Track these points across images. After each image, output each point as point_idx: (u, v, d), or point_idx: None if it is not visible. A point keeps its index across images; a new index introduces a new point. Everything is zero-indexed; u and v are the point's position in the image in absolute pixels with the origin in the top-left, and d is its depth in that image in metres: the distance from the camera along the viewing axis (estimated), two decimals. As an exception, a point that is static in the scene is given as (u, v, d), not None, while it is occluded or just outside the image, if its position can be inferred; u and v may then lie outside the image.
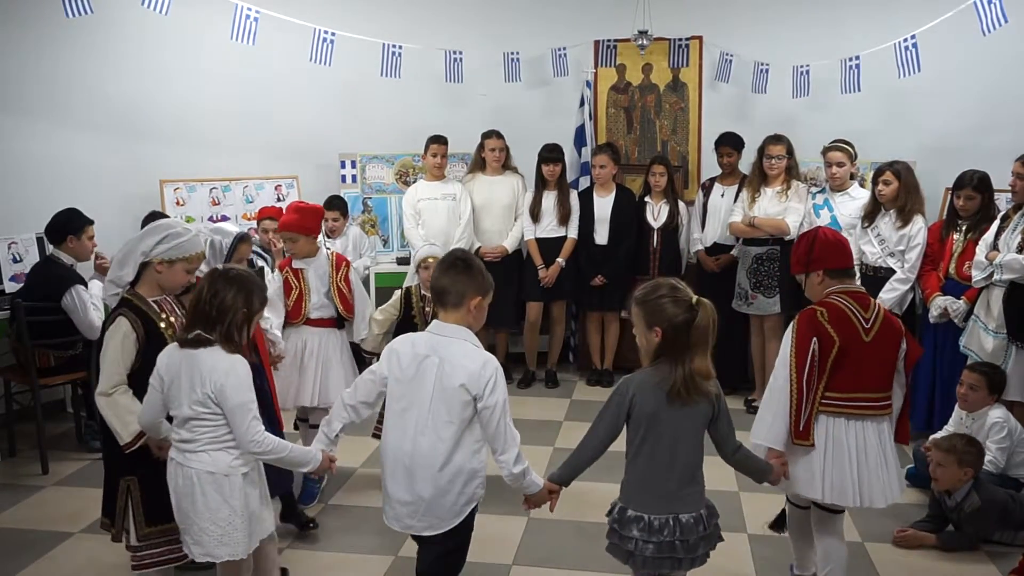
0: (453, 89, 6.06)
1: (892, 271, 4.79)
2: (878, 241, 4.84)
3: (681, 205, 5.84)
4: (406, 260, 6.10)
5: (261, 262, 4.97)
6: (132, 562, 3.00)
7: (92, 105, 5.92)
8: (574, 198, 5.88)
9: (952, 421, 4.16)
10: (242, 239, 3.61)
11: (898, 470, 3.00)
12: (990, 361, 4.18)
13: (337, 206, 5.74)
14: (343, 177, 6.34)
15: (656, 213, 5.80)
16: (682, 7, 6.05)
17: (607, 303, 5.88)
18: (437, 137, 5.83)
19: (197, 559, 2.70)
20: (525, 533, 3.80)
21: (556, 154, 5.79)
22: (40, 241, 5.29)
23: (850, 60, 5.56)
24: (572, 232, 5.84)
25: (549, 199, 5.82)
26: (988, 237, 4.33)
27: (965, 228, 4.62)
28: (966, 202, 4.59)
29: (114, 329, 2.93)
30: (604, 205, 5.85)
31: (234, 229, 3.66)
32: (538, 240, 5.86)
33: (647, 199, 5.85)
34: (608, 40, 6.15)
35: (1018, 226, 4.20)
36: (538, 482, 2.66)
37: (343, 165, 6.34)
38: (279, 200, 6.19)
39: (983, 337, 4.32)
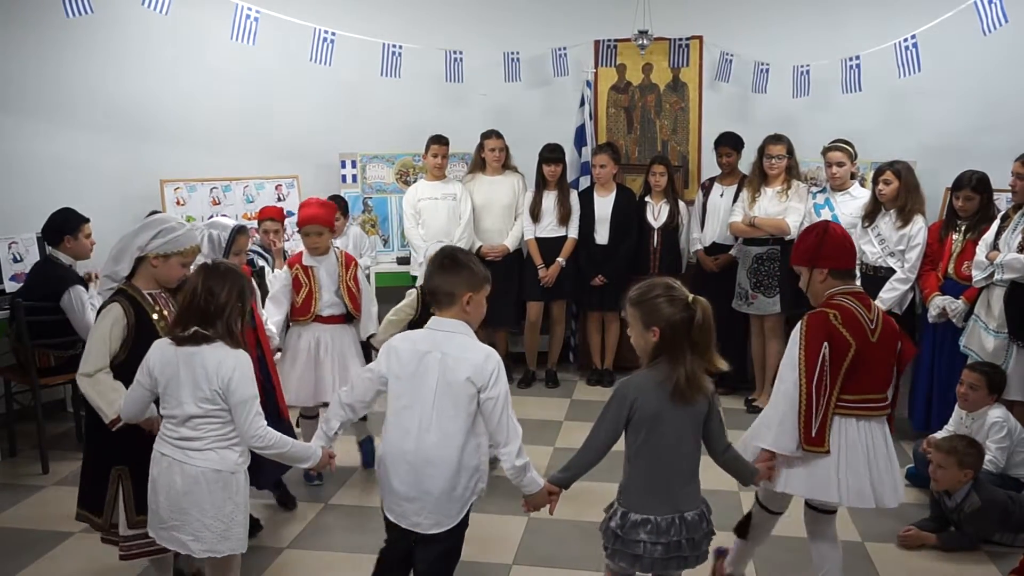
0: (453, 89, 6.06)
1: (892, 271, 4.80)
2: (878, 241, 4.84)
3: (681, 205, 5.84)
4: (406, 260, 6.10)
5: (261, 262, 4.98)
6: (121, 552, 3.02)
7: (93, 105, 5.93)
8: (574, 198, 5.89)
9: (952, 421, 4.16)
10: (239, 231, 3.60)
11: (899, 469, 2.99)
12: (991, 361, 4.19)
13: (337, 206, 5.73)
14: (343, 177, 6.34)
15: (656, 213, 5.80)
16: (682, 7, 6.05)
17: (607, 303, 5.88)
18: (438, 137, 5.83)
19: (197, 555, 2.70)
20: (525, 533, 3.81)
21: (557, 154, 5.79)
22: (40, 241, 5.29)
23: (850, 60, 5.56)
24: (572, 232, 5.84)
25: (549, 199, 5.83)
26: (988, 237, 4.34)
27: (964, 228, 4.62)
28: (965, 202, 4.59)
29: (105, 313, 2.96)
30: (604, 205, 5.86)
31: (230, 222, 3.64)
32: (538, 240, 5.86)
33: (647, 199, 5.85)
34: (608, 40, 6.15)
35: (1018, 226, 4.20)
36: (538, 481, 2.64)
37: (343, 165, 6.34)
38: (279, 200, 6.20)
39: (984, 337, 4.32)
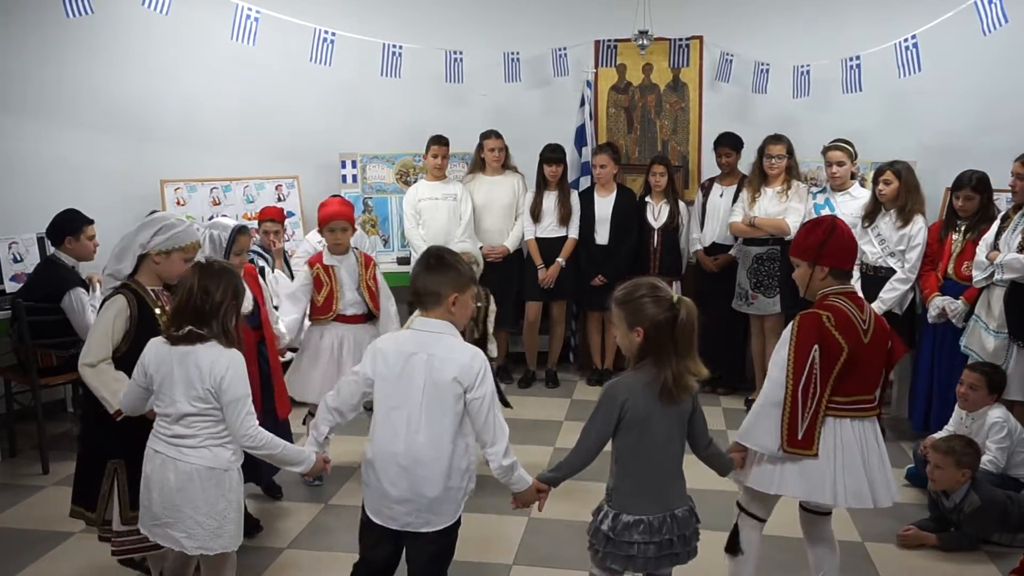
0: (453, 89, 6.06)
1: (892, 271, 4.80)
2: (878, 241, 4.84)
3: (681, 205, 5.84)
4: (407, 260, 6.10)
5: (261, 262, 4.97)
6: (113, 547, 3.03)
7: (93, 105, 5.92)
8: (575, 198, 5.89)
9: (952, 421, 4.16)
10: (240, 231, 3.61)
11: (891, 468, 2.95)
12: (991, 361, 4.19)
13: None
14: (344, 177, 6.34)
15: (656, 213, 5.80)
16: (682, 7, 6.05)
17: (608, 303, 5.82)
18: (438, 138, 5.83)
19: (190, 552, 2.71)
20: (525, 533, 3.80)
21: (558, 154, 5.80)
22: (41, 241, 5.29)
23: (850, 60, 5.56)
24: (573, 232, 5.85)
25: (550, 199, 5.83)
26: (988, 237, 4.34)
27: (964, 228, 4.62)
28: (965, 202, 4.59)
29: (110, 304, 3.01)
30: (605, 205, 5.86)
31: (231, 222, 3.65)
32: (539, 240, 5.86)
33: (647, 199, 5.85)
34: (608, 40, 6.15)
35: (1018, 226, 4.20)
36: (527, 478, 2.63)
37: (344, 165, 6.34)
38: (279, 200, 6.20)
39: (984, 337, 4.32)
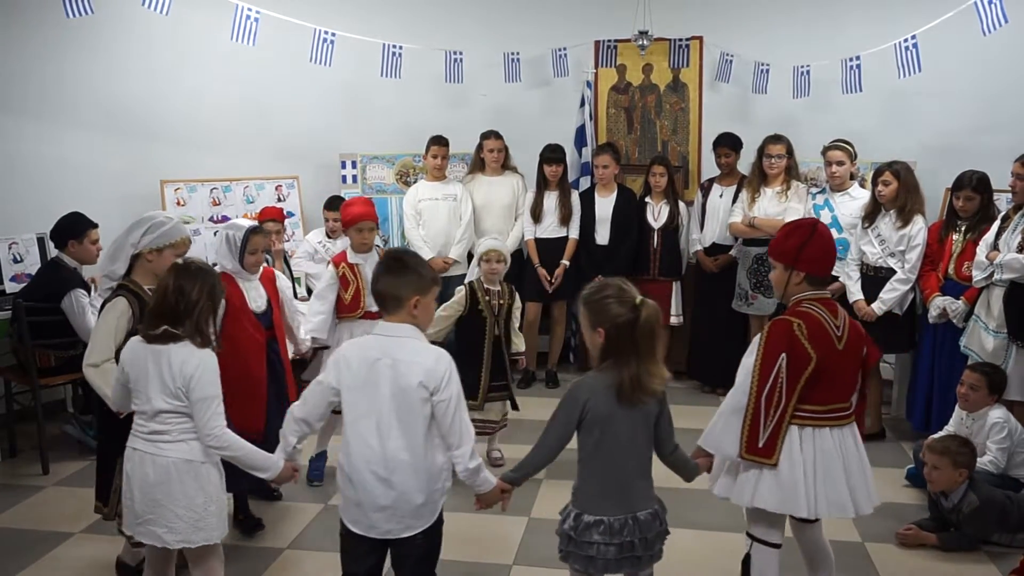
0: (453, 89, 6.06)
1: (892, 271, 4.79)
2: (878, 241, 4.84)
3: (681, 205, 5.83)
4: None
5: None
6: (132, 542, 3.13)
7: (93, 106, 5.92)
8: (575, 198, 5.88)
9: (952, 421, 4.16)
10: (254, 231, 3.70)
11: (871, 474, 2.88)
12: (990, 361, 4.19)
13: (338, 207, 5.70)
14: (344, 177, 6.34)
15: (656, 213, 5.79)
16: (682, 7, 6.05)
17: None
18: (437, 138, 5.83)
19: (172, 547, 2.74)
20: (525, 533, 3.80)
21: (558, 155, 5.79)
22: (41, 242, 5.30)
23: (850, 60, 5.56)
24: (573, 232, 5.84)
25: (551, 199, 5.83)
26: (988, 237, 4.34)
27: (964, 228, 4.62)
28: (965, 203, 4.59)
29: (112, 306, 3.10)
30: (605, 205, 5.85)
31: (247, 223, 3.78)
32: (539, 240, 5.86)
33: (647, 199, 5.84)
34: (608, 40, 6.15)
35: (1018, 226, 4.20)
36: (491, 480, 2.62)
37: (344, 165, 6.34)
38: (279, 200, 6.20)
39: (984, 337, 4.32)
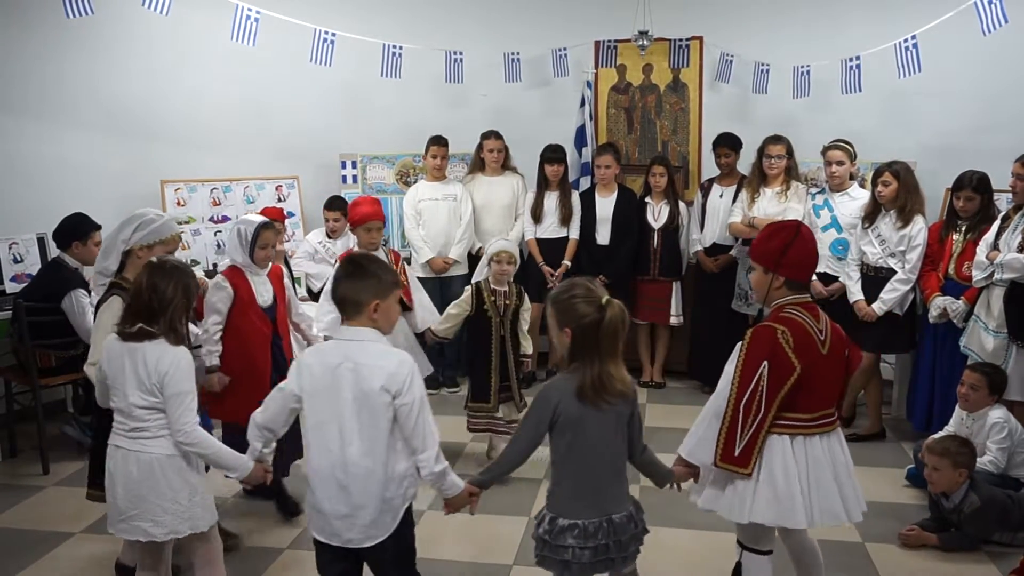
0: (453, 89, 6.06)
1: (893, 271, 4.80)
2: (879, 241, 4.84)
3: (682, 205, 5.83)
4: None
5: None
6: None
7: (93, 106, 5.92)
8: (576, 199, 5.88)
9: (952, 421, 4.16)
10: (264, 226, 3.76)
11: (857, 481, 2.84)
12: (991, 361, 4.19)
13: (338, 207, 5.74)
14: (344, 178, 6.34)
15: (656, 213, 5.79)
16: (682, 7, 6.04)
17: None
18: (437, 138, 5.83)
19: (159, 539, 2.76)
20: (525, 533, 3.79)
21: (559, 155, 5.79)
22: (41, 242, 5.30)
23: (850, 60, 5.56)
24: (574, 233, 5.84)
25: (551, 199, 5.82)
26: (989, 237, 4.34)
27: (964, 229, 4.62)
28: (966, 203, 4.59)
29: (107, 306, 3.12)
30: (606, 205, 5.85)
31: (258, 218, 3.85)
32: (540, 240, 5.86)
33: (647, 199, 5.85)
34: (608, 40, 6.15)
35: (1018, 226, 4.20)
36: (458, 483, 2.59)
37: (344, 166, 6.34)
38: (279, 200, 6.20)
39: (984, 337, 4.32)
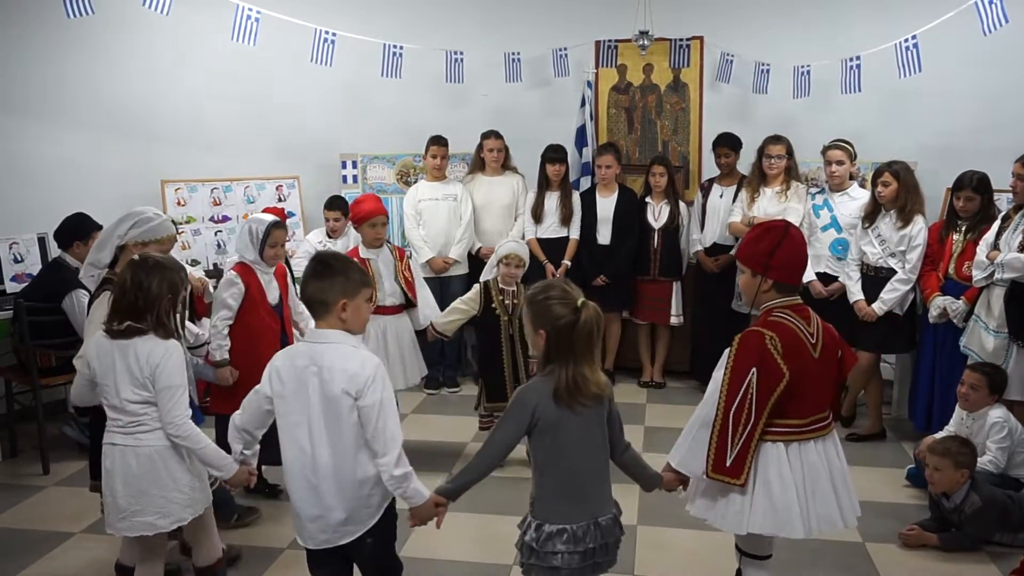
0: (454, 89, 6.06)
1: (893, 271, 4.80)
2: (879, 241, 4.84)
3: (682, 205, 5.83)
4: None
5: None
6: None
7: (94, 106, 5.93)
8: (576, 199, 5.88)
9: (953, 421, 4.16)
10: (275, 225, 3.80)
11: (852, 485, 2.81)
12: (991, 361, 4.18)
13: (338, 206, 5.73)
14: (344, 177, 6.34)
15: (657, 213, 5.79)
16: (683, 7, 6.05)
17: (608, 303, 5.83)
18: (437, 138, 5.83)
19: (166, 529, 2.80)
20: (526, 533, 3.80)
21: (561, 154, 5.79)
22: (41, 242, 5.30)
23: (850, 60, 5.55)
24: (574, 233, 5.84)
25: (552, 199, 5.82)
26: (989, 237, 4.34)
27: (965, 228, 4.62)
28: (966, 203, 4.59)
29: (100, 302, 3.13)
30: (607, 205, 5.85)
31: (269, 217, 3.88)
32: (541, 240, 5.86)
33: (648, 199, 5.84)
34: (609, 40, 6.15)
35: (1019, 226, 4.20)
36: (423, 492, 2.48)
37: (344, 165, 6.34)
38: (280, 200, 6.20)
39: (984, 337, 4.32)
